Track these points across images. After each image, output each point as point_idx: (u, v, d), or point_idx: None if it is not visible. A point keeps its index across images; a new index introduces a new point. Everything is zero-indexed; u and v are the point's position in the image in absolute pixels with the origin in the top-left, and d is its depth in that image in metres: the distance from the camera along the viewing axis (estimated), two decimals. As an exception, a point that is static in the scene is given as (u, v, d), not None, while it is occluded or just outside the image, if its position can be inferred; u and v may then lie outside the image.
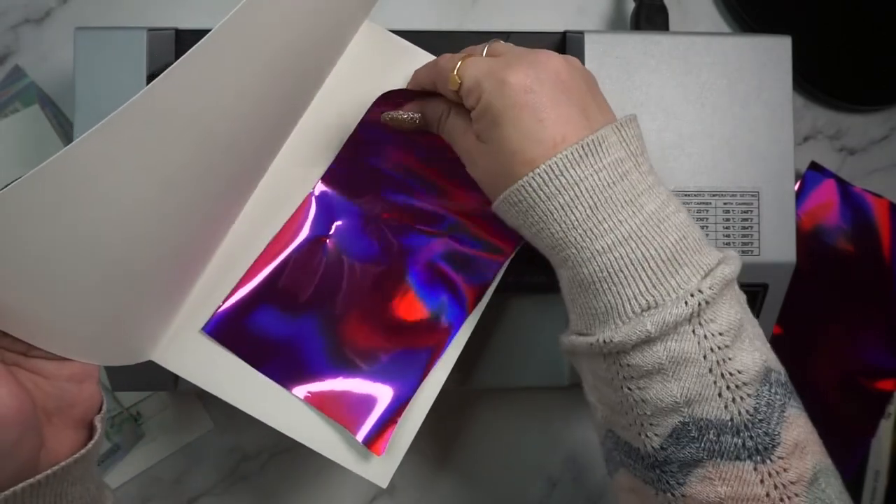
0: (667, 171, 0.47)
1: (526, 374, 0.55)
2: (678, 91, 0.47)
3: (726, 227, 0.47)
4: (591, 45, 0.47)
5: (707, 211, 0.47)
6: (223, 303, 0.41)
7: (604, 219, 0.32)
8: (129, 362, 0.39)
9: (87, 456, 0.35)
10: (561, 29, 0.52)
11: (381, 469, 0.41)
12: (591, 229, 0.32)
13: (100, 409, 0.37)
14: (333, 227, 0.42)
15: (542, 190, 0.33)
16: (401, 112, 0.39)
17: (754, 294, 0.48)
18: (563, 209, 0.32)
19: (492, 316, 0.44)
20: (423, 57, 0.44)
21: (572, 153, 0.32)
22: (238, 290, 0.41)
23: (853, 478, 0.61)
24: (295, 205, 0.42)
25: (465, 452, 0.61)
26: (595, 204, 0.32)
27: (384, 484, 0.41)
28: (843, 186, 0.59)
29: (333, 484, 0.60)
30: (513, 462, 0.61)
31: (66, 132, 0.56)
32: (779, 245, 0.47)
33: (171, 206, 0.34)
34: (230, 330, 0.41)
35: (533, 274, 0.48)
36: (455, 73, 0.35)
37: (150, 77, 0.45)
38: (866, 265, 0.60)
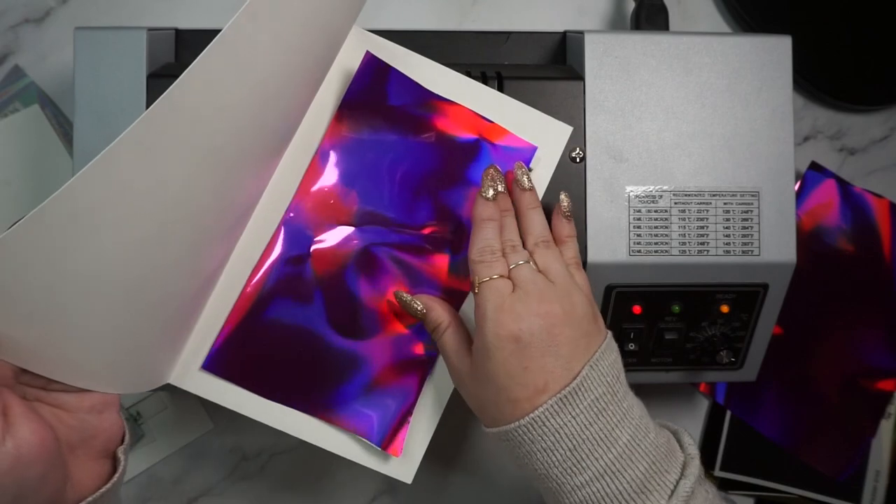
0: (667, 171, 0.47)
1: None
2: (678, 91, 0.47)
3: (726, 227, 0.47)
4: (591, 45, 0.47)
5: (707, 211, 0.47)
6: (217, 338, 0.41)
7: (582, 458, 0.36)
8: (148, 388, 0.39)
9: (111, 489, 0.36)
10: (561, 29, 0.52)
11: (403, 466, 0.42)
12: (570, 468, 0.36)
13: (122, 440, 0.37)
14: (313, 245, 0.42)
15: (525, 436, 0.36)
16: (413, 299, 0.41)
17: (754, 294, 0.48)
18: (544, 451, 0.36)
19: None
20: (404, 54, 0.44)
21: (552, 406, 0.36)
22: (228, 323, 0.41)
23: (853, 478, 0.61)
24: (273, 226, 0.42)
25: (466, 451, 0.61)
26: (574, 445, 0.36)
27: (409, 480, 0.42)
28: (844, 186, 0.59)
29: (333, 484, 0.60)
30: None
31: (65, 132, 0.56)
32: (779, 245, 0.47)
33: (179, 230, 0.34)
34: (225, 365, 0.41)
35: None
36: (477, 285, 0.38)
37: (150, 77, 0.45)
38: (866, 265, 0.60)
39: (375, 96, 0.43)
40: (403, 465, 0.42)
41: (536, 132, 0.44)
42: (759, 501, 0.63)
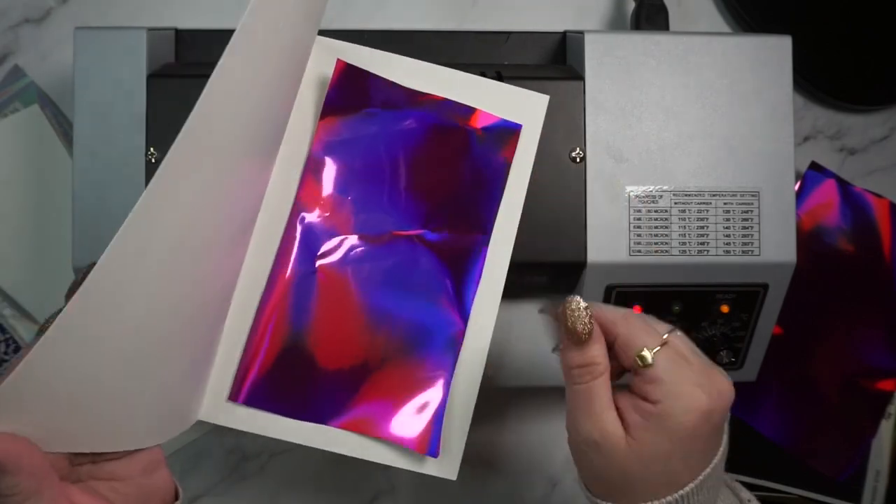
0: (667, 171, 0.47)
1: (525, 374, 0.55)
2: (678, 91, 0.47)
3: (726, 227, 0.47)
4: (591, 45, 0.47)
5: (707, 211, 0.47)
6: (239, 368, 0.41)
7: None
8: (184, 429, 0.39)
9: None
10: (561, 29, 0.52)
11: (444, 464, 0.42)
12: None
13: (176, 495, 0.38)
14: (317, 261, 0.42)
15: None
16: (587, 310, 0.35)
17: (754, 294, 0.48)
18: None
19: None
20: (372, 55, 0.44)
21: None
22: (247, 353, 0.42)
23: (853, 478, 0.61)
24: (274, 246, 0.43)
25: (465, 452, 0.61)
26: None
27: (453, 476, 0.42)
28: (844, 186, 0.59)
29: (333, 484, 0.60)
30: (513, 461, 0.61)
31: (65, 132, 0.56)
32: (779, 245, 0.47)
33: (189, 285, 0.35)
34: (259, 396, 0.41)
35: (533, 275, 0.48)
36: (650, 353, 0.34)
37: (150, 77, 0.45)
38: (866, 265, 0.60)
39: (354, 101, 0.43)
40: (444, 462, 0.42)
41: (516, 107, 0.44)
42: (759, 501, 0.63)
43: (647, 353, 0.34)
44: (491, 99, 0.44)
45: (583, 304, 0.34)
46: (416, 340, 0.42)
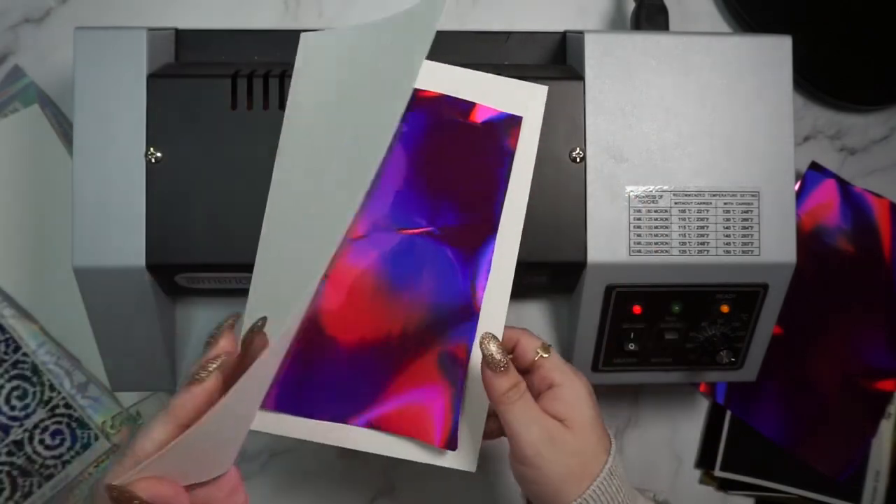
0: (667, 170, 0.47)
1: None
2: (678, 91, 0.47)
3: (726, 227, 0.47)
4: (591, 45, 0.47)
5: (707, 211, 0.47)
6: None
7: None
8: None
9: None
10: (561, 29, 0.52)
11: (463, 456, 0.42)
12: None
13: None
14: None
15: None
16: (501, 353, 0.39)
17: (754, 294, 0.48)
18: None
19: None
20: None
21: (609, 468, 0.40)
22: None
23: (853, 478, 0.61)
24: None
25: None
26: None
27: (473, 468, 0.42)
28: (844, 186, 0.59)
29: (333, 484, 0.60)
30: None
31: (65, 132, 0.56)
32: (779, 245, 0.47)
33: None
34: (281, 400, 0.42)
35: (533, 275, 0.48)
36: (543, 349, 0.42)
37: (150, 77, 0.45)
38: (866, 265, 0.60)
39: None
40: (462, 455, 0.42)
41: (515, 99, 0.44)
42: (759, 501, 0.63)
43: (542, 351, 0.42)
44: (490, 93, 0.44)
45: (494, 340, 0.39)
46: (429, 336, 0.42)
